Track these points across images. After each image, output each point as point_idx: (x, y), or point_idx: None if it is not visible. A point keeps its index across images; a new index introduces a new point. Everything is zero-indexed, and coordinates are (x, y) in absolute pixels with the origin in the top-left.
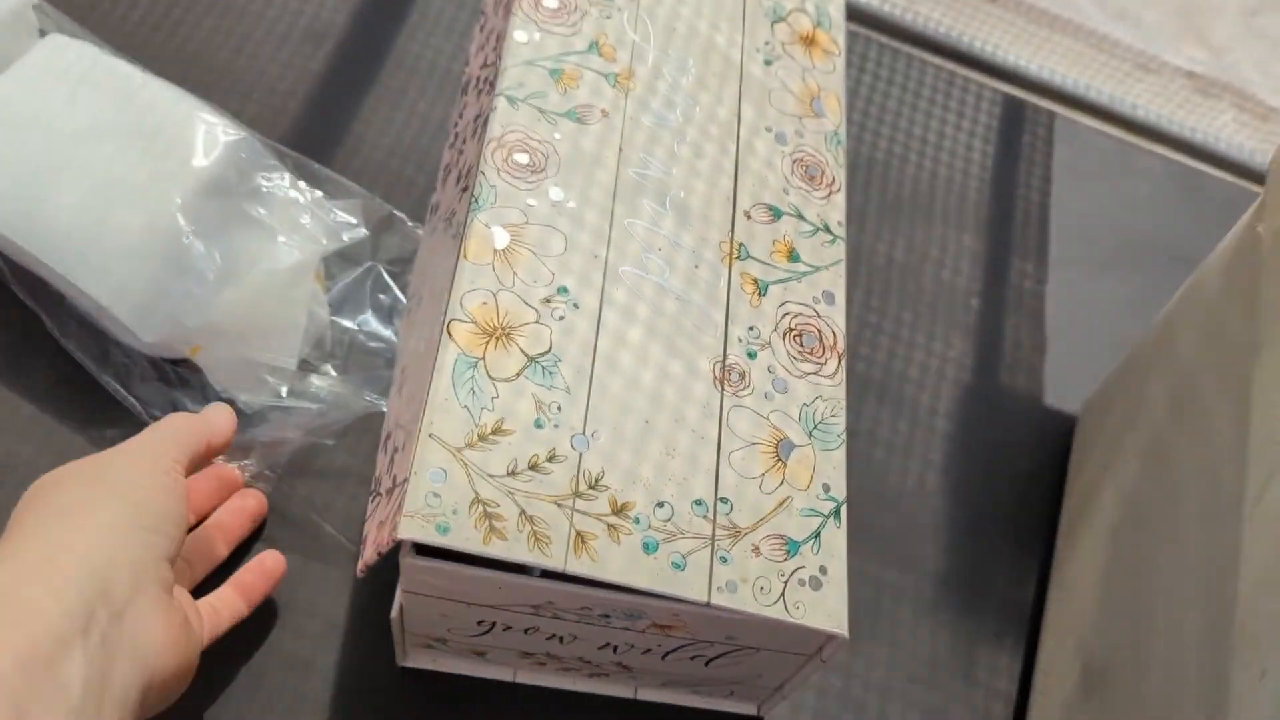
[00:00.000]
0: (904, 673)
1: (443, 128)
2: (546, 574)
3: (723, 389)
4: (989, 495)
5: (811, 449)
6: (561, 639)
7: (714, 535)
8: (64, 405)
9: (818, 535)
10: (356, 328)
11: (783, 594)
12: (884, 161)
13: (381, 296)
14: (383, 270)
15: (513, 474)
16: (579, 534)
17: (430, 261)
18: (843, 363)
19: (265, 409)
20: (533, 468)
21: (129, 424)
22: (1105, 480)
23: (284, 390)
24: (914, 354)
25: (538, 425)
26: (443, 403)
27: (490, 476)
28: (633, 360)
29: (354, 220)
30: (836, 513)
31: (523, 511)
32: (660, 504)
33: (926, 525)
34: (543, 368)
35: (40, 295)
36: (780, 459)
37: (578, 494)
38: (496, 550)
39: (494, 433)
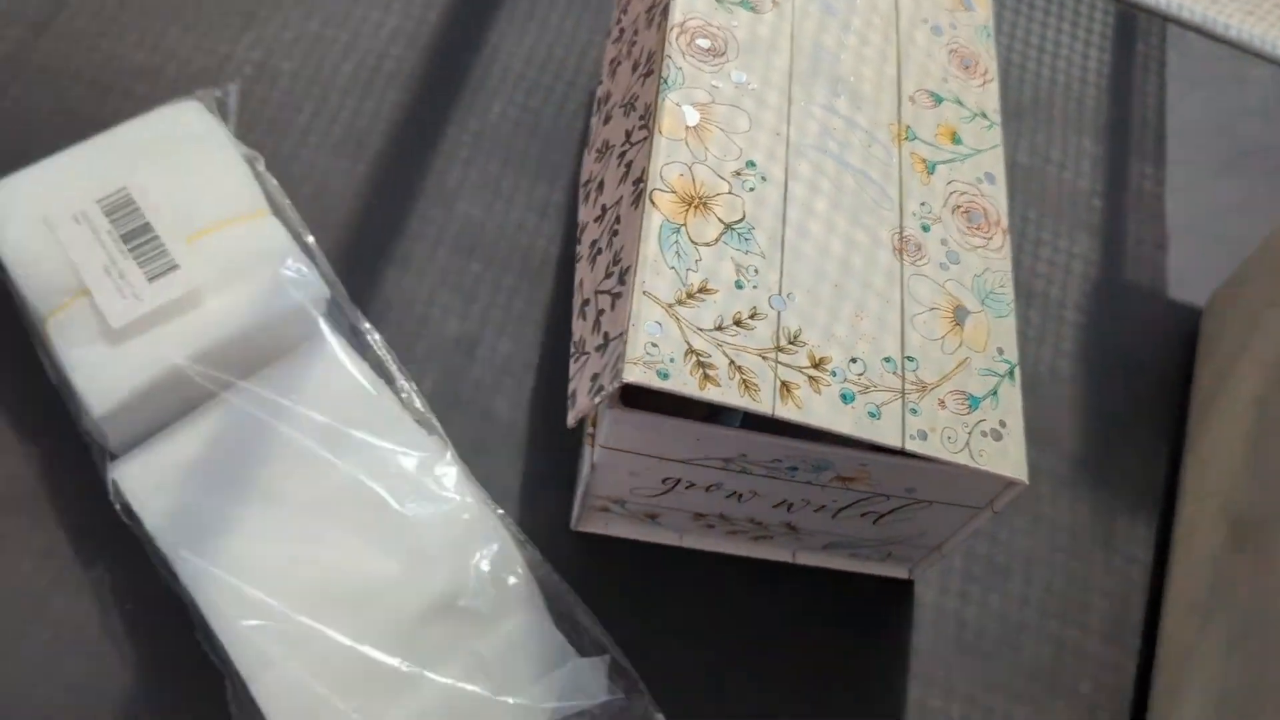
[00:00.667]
0: (1046, 542)
1: None
2: (744, 425)
3: (902, 258)
4: (1119, 380)
5: (985, 315)
6: (740, 497)
7: (904, 389)
8: None
9: (995, 393)
10: None
11: (968, 443)
12: (1003, 70)
13: None
14: None
15: (720, 329)
16: (783, 384)
17: (606, 144)
18: (1007, 239)
19: None
20: (737, 323)
21: None
22: (1244, 357)
23: None
24: (1040, 250)
25: (738, 286)
26: (653, 264)
27: (700, 330)
28: (821, 229)
29: (597, 684)
30: (1010, 373)
31: (732, 362)
32: (854, 360)
33: (1061, 408)
34: (739, 234)
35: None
36: (958, 323)
37: (779, 348)
38: (712, 395)
39: (700, 291)
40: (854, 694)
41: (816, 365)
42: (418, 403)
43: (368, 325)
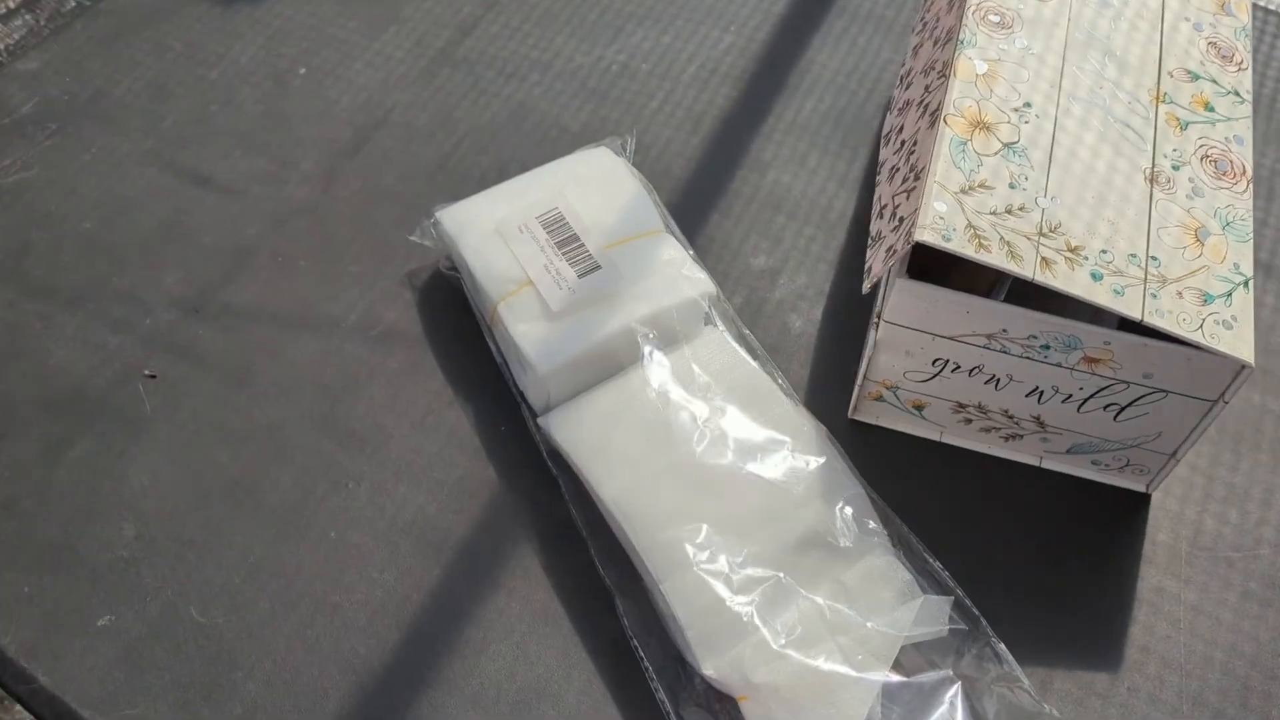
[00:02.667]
0: None
1: None
2: (1008, 302)
3: (1153, 186)
4: None
5: (1225, 238)
6: (998, 383)
7: (1146, 279)
8: (607, 687)
9: (1229, 295)
10: None
11: (1201, 326)
12: (1257, 87)
13: (945, 716)
14: (959, 694)
15: (994, 214)
16: (1043, 259)
17: (906, 101)
18: (1250, 187)
19: None
20: (1008, 212)
21: None
22: None
23: None
24: None
25: (1011, 186)
26: (944, 162)
27: (978, 212)
28: (1087, 154)
29: (941, 617)
30: (1246, 284)
31: (1002, 238)
32: (1104, 251)
33: None
34: (1016, 151)
35: (620, 575)
36: (1199, 240)
37: (1042, 234)
38: (983, 257)
39: (980, 186)
40: (1094, 571)
41: (1072, 250)
42: (780, 379)
43: (747, 331)
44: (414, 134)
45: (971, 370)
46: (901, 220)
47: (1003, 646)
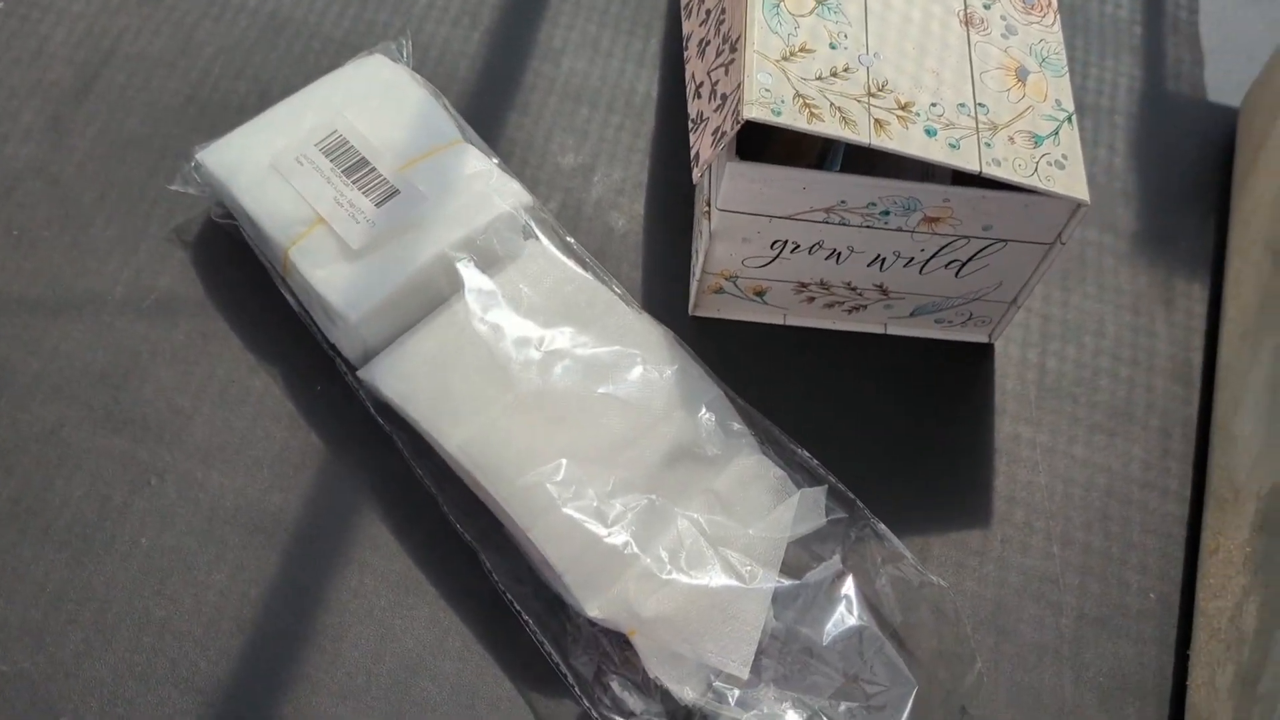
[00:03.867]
0: (1112, 305)
1: None
2: (843, 172)
3: (968, 29)
4: (1170, 172)
5: (1043, 75)
6: (839, 256)
7: (977, 128)
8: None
9: (1056, 133)
10: (813, 639)
11: (1035, 170)
12: None
13: (844, 611)
14: (852, 585)
15: (820, 79)
16: (876, 121)
17: None
18: (1058, 18)
19: (700, 710)
20: (834, 75)
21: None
22: (1276, 127)
23: (733, 698)
24: (1089, 70)
25: (832, 47)
26: (760, 29)
27: (804, 80)
28: (901, 3)
29: (819, 509)
30: (1069, 119)
31: (831, 104)
32: (934, 104)
33: (1118, 198)
34: (829, 7)
35: (480, 529)
36: (1020, 80)
37: (871, 94)
38: (818, 127)
39: (801, 50)
40: (952, 430)
41: (903, 107)
42: (616, 287)
43: (570, 239)
44: (151, 64)
45: (811, 248)
46: (724, 98)
47: (882, 526)
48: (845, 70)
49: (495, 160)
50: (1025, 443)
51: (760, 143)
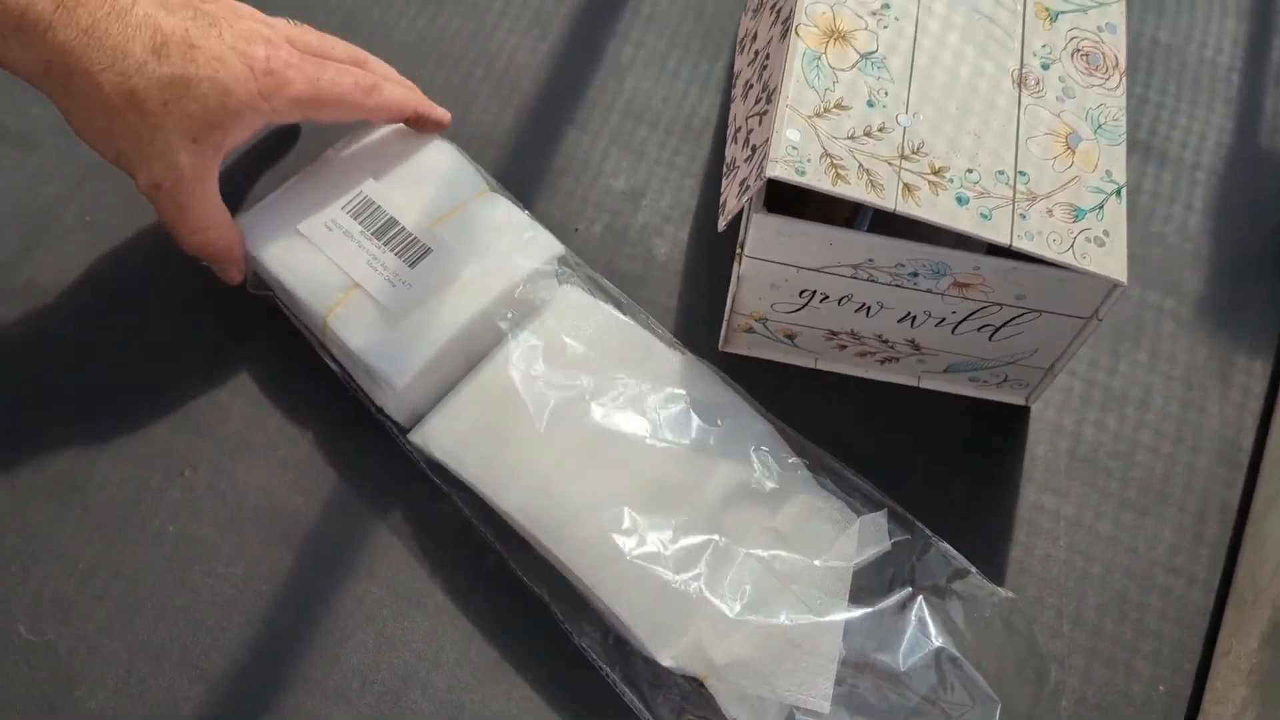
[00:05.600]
0: (1163, 375)
1: None
2: (873, 230)
3: (1021, 89)
4: (1245, 237)
5: (1096, 143)
6: (869, 310)
7: (1014, 198)
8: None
9: (1101, 207)
10: (889, 664)
11: (1072, 246)
12: None
13: (917, 633)
14: (924, 607)
15: (852, 138)
16: (905, 185)
17: (760, 2)
18: (1124, 80)
19: None
20: (867, 134)
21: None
22: None
23: None
24: (1177, 119)
25: (870, 104)
26: (797, 81)
27: (835, 138)
28: (950, 58)
29: (881, 533)
30: (1118, 193)
31: (860, 165)
32: (970, 170)
33: (1186, 261)
34: (873, 62)
35: (550, 584)
36: (1070, 148)
37: (904, 157)
38: (842, 190)
39: (836, 107)
40: (975, 491)
41: (936, 173)
42: (654, 324)
43: (602, 279)
44: None
45: (840, 299)
46: (754, 150)
47: (945, 544)
48: (880, 130)
49: (525, 210)
50: (1049, 513)
51: (798, 196)
